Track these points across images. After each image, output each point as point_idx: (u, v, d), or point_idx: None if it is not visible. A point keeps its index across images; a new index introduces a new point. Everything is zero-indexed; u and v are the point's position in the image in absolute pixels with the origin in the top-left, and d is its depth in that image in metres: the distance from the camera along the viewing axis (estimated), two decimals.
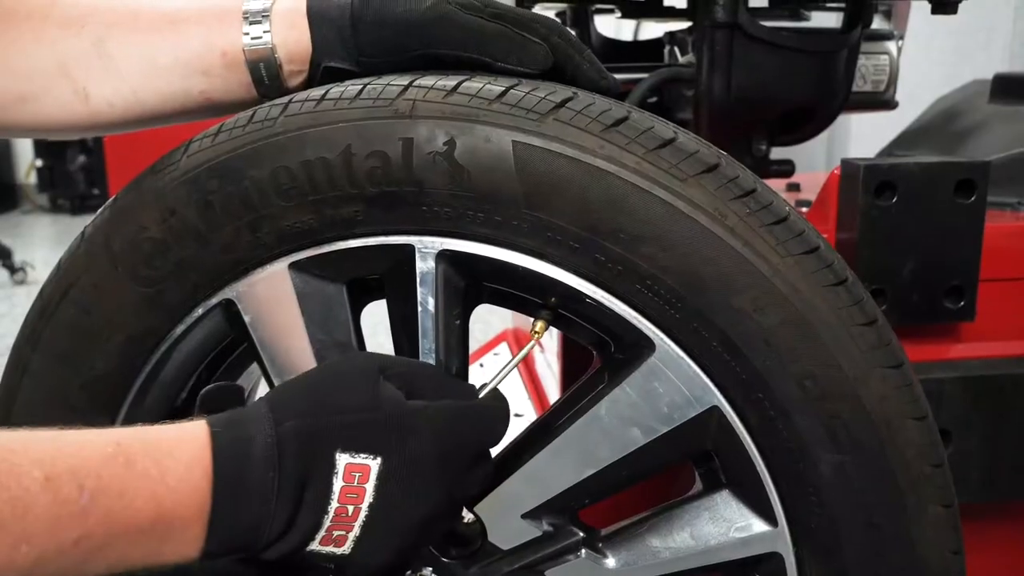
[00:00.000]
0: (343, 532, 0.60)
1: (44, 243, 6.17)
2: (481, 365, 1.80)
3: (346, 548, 0.61)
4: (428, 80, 0.68)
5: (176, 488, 0.56)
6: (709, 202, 0.65)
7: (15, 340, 0.78)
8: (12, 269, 4.82)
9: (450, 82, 0.67)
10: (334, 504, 0.60)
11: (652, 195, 0.64)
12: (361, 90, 0.68)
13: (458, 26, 0.72)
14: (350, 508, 0.60)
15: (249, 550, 0.59)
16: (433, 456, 0.62)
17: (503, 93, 0.66)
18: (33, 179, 7.48)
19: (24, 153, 7.57)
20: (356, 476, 0.60)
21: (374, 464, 0.60)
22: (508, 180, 0.65)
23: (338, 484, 0.60)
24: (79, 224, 0.87)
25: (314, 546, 0.60)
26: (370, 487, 0.60)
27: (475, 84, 0.67)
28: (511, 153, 0.65)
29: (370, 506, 0.60)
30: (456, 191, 0.66)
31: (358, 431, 0.61)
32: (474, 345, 1.92)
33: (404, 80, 0.68)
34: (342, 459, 0.60)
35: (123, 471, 0.54)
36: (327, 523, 0.60)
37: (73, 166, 7.04)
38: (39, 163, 7.17)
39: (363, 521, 0.60)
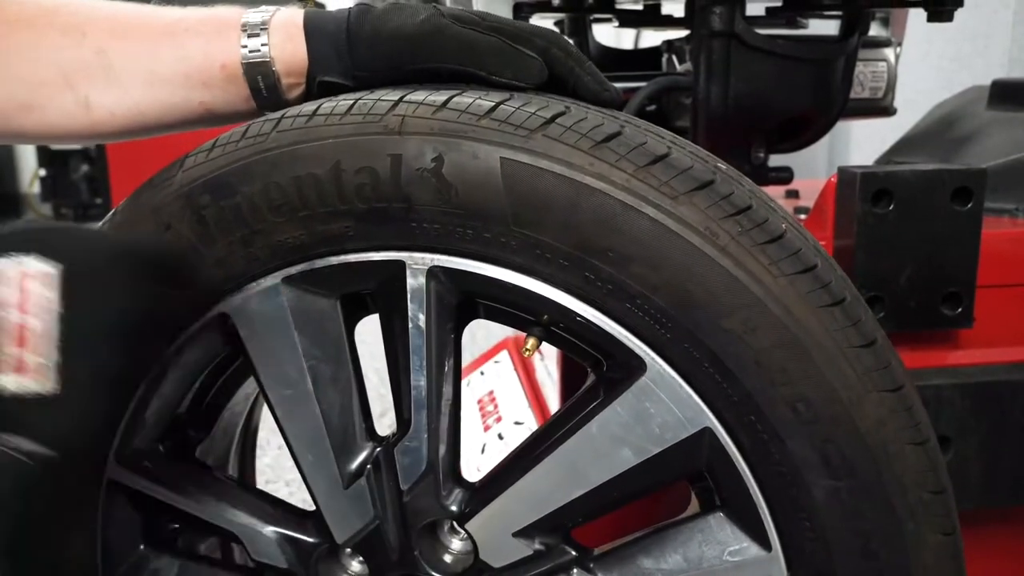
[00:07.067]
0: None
1: None
2: (482, 373, 1.80)
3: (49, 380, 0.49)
4: (418, 95, 0.67)
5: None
6: (700, 221, 0.63)
7: None
8: None
9: (440, 97, 0.67)
10: None
11: (642, 213, 0.63)
12: (352, 105, 0.68)
13: (452, 40, 0.71)
14: None
15: None
16: None
17: (492, 108, 0.66)
18: (36, 188, 7.34)
19: (27, 162, 7.51)
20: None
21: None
22: (496, 197, 0.65)
23: None
24: None
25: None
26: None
27: (465, 99, 0.66)
28: (499, 170, 0.64)
29: None
30: (444, 208, 0.66)
31: None
32: (476, 352, 1.93)
33: (394, 95, 0.68)
34: None
35: None
36: None
37: (76, 175, 6.89)
38: (42, 172, 6.99)
39: None
